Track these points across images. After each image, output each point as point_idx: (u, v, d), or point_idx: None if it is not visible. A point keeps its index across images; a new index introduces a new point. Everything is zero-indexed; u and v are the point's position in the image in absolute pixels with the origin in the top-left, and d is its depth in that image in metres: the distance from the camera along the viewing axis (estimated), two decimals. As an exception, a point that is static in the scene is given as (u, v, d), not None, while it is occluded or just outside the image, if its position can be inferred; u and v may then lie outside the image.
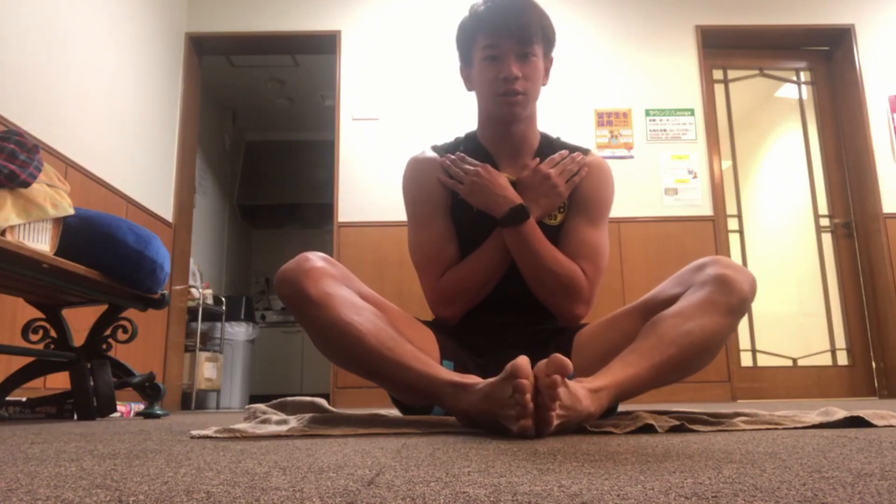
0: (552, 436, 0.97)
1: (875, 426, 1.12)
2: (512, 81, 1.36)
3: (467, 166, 1.42)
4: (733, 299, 1.15)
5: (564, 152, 1.44)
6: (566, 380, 0.96)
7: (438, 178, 1.46)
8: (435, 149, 1.54)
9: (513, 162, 1.46)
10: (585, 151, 1.49)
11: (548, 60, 1.45)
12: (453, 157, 1.46)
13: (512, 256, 1.38)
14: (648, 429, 1.07)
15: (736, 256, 4.03)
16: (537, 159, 1.44)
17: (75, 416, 2.13)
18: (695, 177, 3.96)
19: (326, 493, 0.47)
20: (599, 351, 1.26)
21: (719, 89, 4.28)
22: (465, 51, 1.47)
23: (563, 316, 1.41)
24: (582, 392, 1.00)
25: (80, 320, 2.31)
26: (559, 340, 1.37)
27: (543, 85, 1.44)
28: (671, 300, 1.21)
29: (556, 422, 0.91)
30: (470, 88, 1.49)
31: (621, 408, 1.48)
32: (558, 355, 0.89)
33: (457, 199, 1.44)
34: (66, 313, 2.23)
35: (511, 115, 1.41)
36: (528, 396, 0.88)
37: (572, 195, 1.43)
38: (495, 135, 1.48)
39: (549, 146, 1.50)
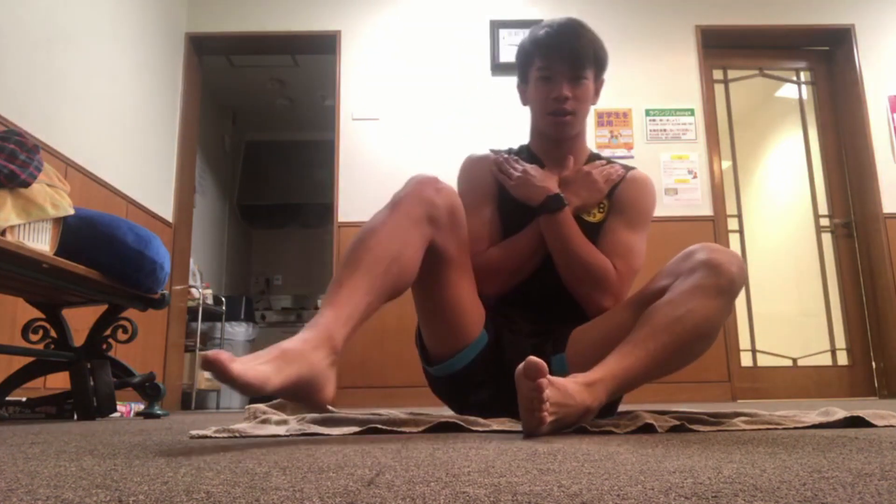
0: (554, 434, 0.97)
1: (875, 426, 1.12)
2: (562, 101, 1.47)
3: (517, 166, 1.53)
4: (722, 281, 1.17)
5: (603, 161, 1.57)
6: (553, 378, 0.98)
7: (490, 172, 1.57)
8: (493, 151, 1.64)
9: (561, 171, 1.56)
10: (629, 168, 1.59)
11: (598, 82, 1.55)
12: (507, 156, 1.57)
13: (547, 245, 1.45)
14: (648, 429, 1.07)
15: (736, 256, 4.03)
16: (571, 157, 1.55)
17: (75, 416, 2.13)
18: (695, 177, 3.96)
19: (326, 493, 0.47)
20: (592, 343, 1.30)
21: (719, 89, 4.28)
22: (522, 69, 1.57)
23: (590, 307, 1.44)
24: (574, 387, 1.03)
25: (80, 320, 2.31)
26: (558, 335, 1.40)
27: (593, 104, 1.55)
28: (663, 291, 1.23)
29: (549, 418, 0.95)
30: (525, 104, 1.60)
31: (621, 408, 1.49)
32: (532, 358, 0.92)
33: (504, 196, 1.54)
34: (66, 313, 2.23)
35: (559, 133, 1.53)
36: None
37: (613, 200, 1.52)
38: (545, 147, 1.59)
39: (595, 160, 1.61)
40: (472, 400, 1.42)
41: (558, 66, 1.47)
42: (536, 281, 1.48)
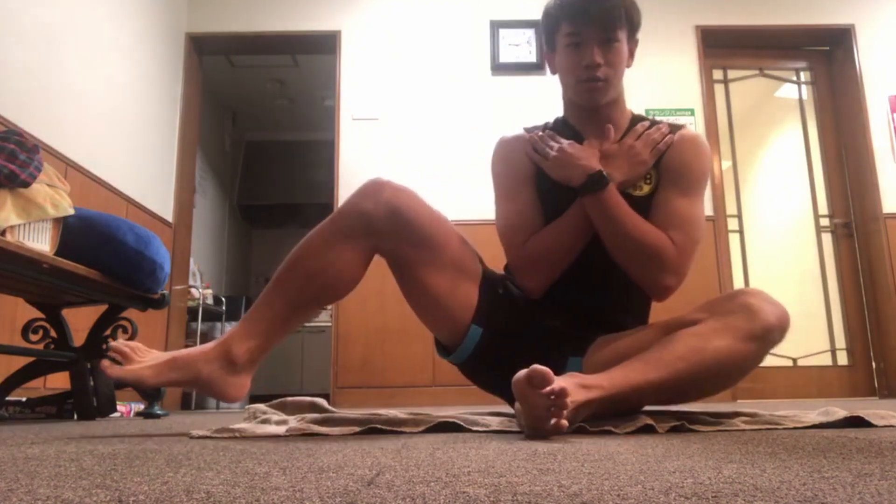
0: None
1: (875, 426, 1.12)
2: (594, 69, 1.35)
3: (553, 143, 1.41)
4: (756, 326, 1.12)
5: (646, 123, 1.43)
6: (556, 378, 0.97)
7: (526, 153, 1.46)
8: (526, 129, 1.53)
9: (602, 143, 1.43)
10: (678, 127, 1.46)
11: (633, 42, 1.43)
12: (541, 133, 1.46)
13: (594, 227, 1.35)
14: (648, 429, 1.07)
15: (736, 256, 4.03)
16: (610, 126, 1.41)
17: (75, 416, 2.13)
18: (695, 177, 3.95)
19: (326, 493, 0.47)
20: (614, 355, 1.24)
21: (719, 89, 4.28)
22: (549, 36, 1.46)
23: (652, 288, 1.37)
24: (571, 387, 1.00)
25: (80, 320, 2.31)
26: (581, 337, 1.35)
27: (628, 67, 1.43)
28: (696, 323, 1.18)
29: (566, 425, 0.94)
30: (554, 72, 1.48)
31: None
32: (537, 367, 0.92)
33: (542, 178, 1.44)
34: (66, 313, 2.23)
35: (592, 102, 1.41)
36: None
37: (662, 167, 1.40)
38: (581, 117, 1.47)
39: (638, 124, 1.46)
40: (492, 381, 1.40)
41: (587, 30, 1.35)
42: (580, 278, 1.39)
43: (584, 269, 1.39)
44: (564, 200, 1.38)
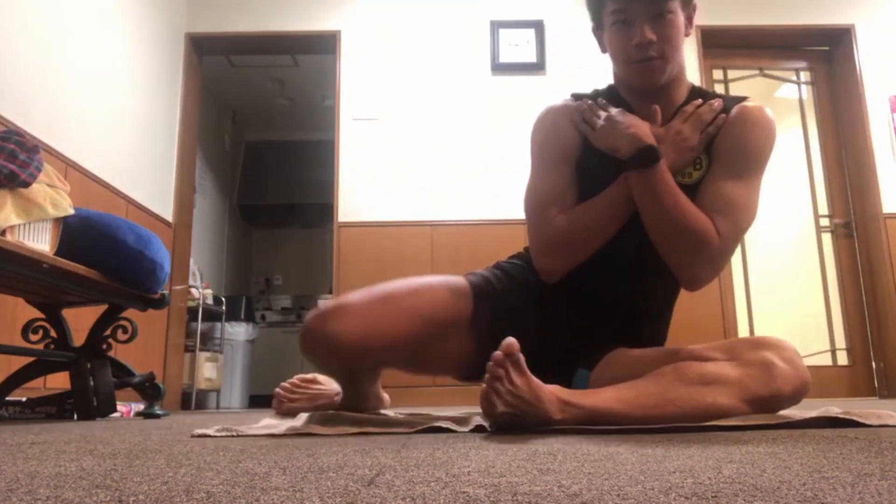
0: (560, 434, 0.97)
1: (870, 426, 1.12)
2: (646, 48, 1.23)
3: (602, 112, 1.29)
4: (766, 392, 1.06)
5: (698, 101, 1.29)
6: (530, 376, 0.98)
7: (572, 121, 1.33)
8: (575, 96, 1.40)
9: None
10: (738, 99, 1.32)
11: (690, 9, 1.31)
12: (592, 102, 1.33)
13: (635, 206, 1.24)
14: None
15: (736, 256, 4.03)
16: (657, 108, 1.29)
17: (75, 416, 2.13)
18: (695, 177, 3.95)
19: (326, 493, 0.47)
20: (619, 373, 1.17)
21: (719, 89, 4.28)
22: (595, 13, 1.34)
23: (685, 278, 1.27)
24: (549, 396, 0.99)
25: (80, 320, 2.31)
26: (593, 350, 1.29)
27: (687, 36, 1.29)
28: (709, 360, 1.11)
29: (501, 408, 0.96)
30: (604, 51, 1.36)
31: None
32: (510, 338, 0.96)
33: (586, 151, 1.31)
34: (66, 313, 2.22)
35: (649, 84, 1.28)
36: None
37: (714, 148, 1.27)
38: (634, 98, 1.34)
39: (697, 98, 1.33)
40: None
41: (635, 6, 1.23)
42: (603, 267, 1.29)
43: (608, 259, 1.29)
44: (606, 181, 1.26)
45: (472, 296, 1.30)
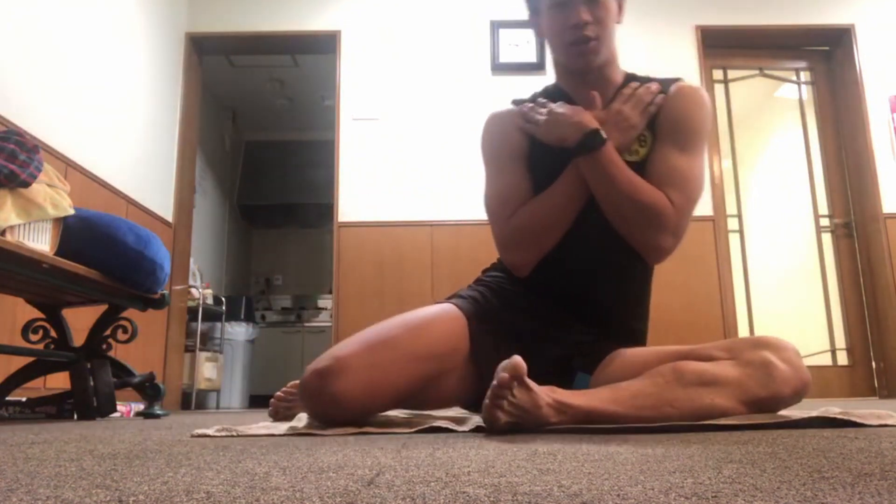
0: (558, 433, 0.97)
1: (869, 426, 1.12)
2: (581, 28, 1.29)
3: (542, 109, 1.35)
4: (765, 393, 1.06)
5: (636, 84, 1.35)
6: (532, 383, 0.99)
7: (517, 126, 1.39)
8: (515, 102, 1.46)
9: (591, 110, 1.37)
10: (670, 81, 1.39)
11: None
12: (532, 104, 1.40)
13: (590, 190, 1.29)
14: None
15: (736, 256, 4.03)
16: (595, 94, 1.34)
17: (75, 416, 2.13)
18: (695, 177, 3.95)
19: (326, 493, 0.47)
20: (618, 375, 1.17)
21: (719, 89, 4.28)
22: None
23: (649, 250, 1.31)
24: (545, 399, 1.00)
25: (80, 320, 2.31)
26: (593, 351, 1.30)
27: (618, 23, 1.36)
28: (710, 360, 1.11)
29: (504, 419, 0.98)
30: (540, 36, 1.42)
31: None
32: (516, 357, 0.96)
33: (535, 149, 1.37)
34: (66, 313, 2.23)
35: (584, 64, 1.34)
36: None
37: (657, 124, 1.34)
38: (573, 81, 1.40)
39: (633, 82, 1.39)
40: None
41: None
42: (577, 235, 1.32)
43: (574, 249, 1.33)
44: (557, 172, 1.32)
45: (466, 322, 1.30)
